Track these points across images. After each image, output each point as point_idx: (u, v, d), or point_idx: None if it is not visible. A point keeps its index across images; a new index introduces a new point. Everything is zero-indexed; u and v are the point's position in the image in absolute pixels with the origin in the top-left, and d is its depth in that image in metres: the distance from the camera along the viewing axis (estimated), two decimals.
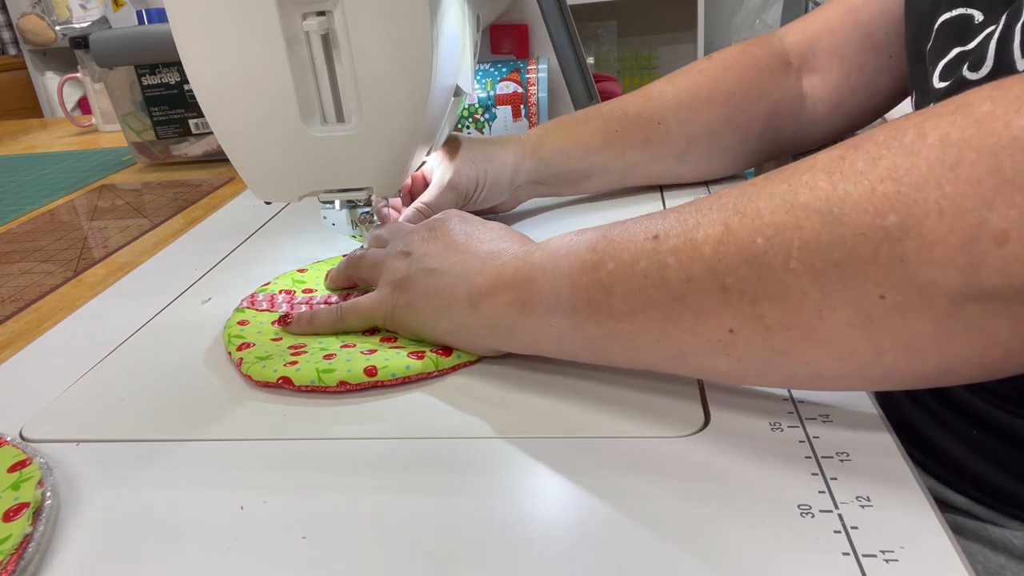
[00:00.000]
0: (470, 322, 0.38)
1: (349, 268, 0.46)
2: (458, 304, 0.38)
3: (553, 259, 0.34)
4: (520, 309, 0.35)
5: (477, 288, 0.37)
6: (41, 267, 0.61)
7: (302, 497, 0.30)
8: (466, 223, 0.43)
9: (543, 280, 0.34)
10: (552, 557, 0.26)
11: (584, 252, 0.33)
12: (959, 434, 0.44)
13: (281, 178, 0.41)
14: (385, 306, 0.41)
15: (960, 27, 0.41)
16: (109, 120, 1.21)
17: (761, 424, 0.32)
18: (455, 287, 0.38)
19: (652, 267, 0.30)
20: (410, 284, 0.40)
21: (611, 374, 0.37)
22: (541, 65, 0.71)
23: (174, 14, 0.36)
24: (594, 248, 0.33)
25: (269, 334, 0.43)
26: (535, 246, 0.37)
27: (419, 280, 0.40)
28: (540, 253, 0.35)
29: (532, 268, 0.35)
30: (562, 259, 0.34)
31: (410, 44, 0.36)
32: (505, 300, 0.36)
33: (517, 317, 0.36)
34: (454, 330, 0.39)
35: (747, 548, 0.26)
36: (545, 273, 0.34)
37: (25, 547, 0.28)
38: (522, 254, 0.36)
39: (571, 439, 0.33)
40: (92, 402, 0.39)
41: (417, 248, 0.41)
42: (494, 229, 0.42)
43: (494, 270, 0.37)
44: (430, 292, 0.39)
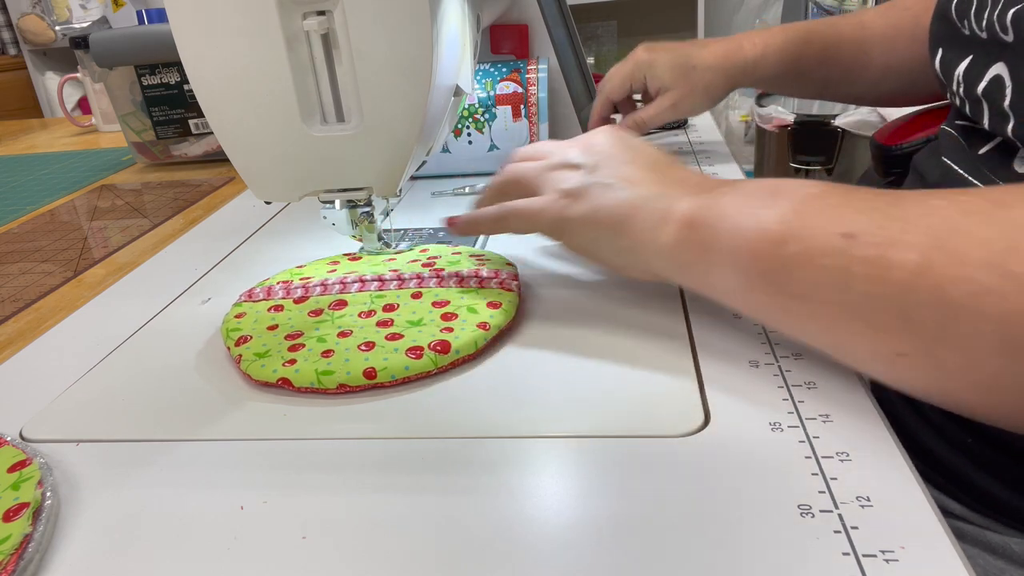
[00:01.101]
0: (648, 247, 0.38)
1: (504, 184, 0.45)
2: (639, 226, 0.38)
3: (739, 214, 0.34)
4: (699, 251, 0.35)
5: (660, 214, 0.37)
6: (41, 267, 0.61)
7: (302, 497, 0.30)
8: (628, 141, 0.42)
9: (725, 233, 0.34)
10: (552, 557, 0.26)
11: (772, 221, 0.32)
12: (956, 443, 0.44)
13: (281, 178, 0.41)
14: (553, 212, 0.41)
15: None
16: (109, 120, 1.21)
17: (761, 424, 0.32)
18: (637, 208, 0.38)
19: (838, 268, 0.29)
20: (586, 195, 0.39)
21: (611, 374, 0.37)
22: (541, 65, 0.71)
23: (174, 14, 0.36)
24: (784, 220, 0.32)
25: (265, 322, 0.43)
26: (722, 187, 0.36)
27: (596, 193, 0.39)
28: (728, 200, 0.35)
29: (718, 215, 0.35)
30: (748, 218, 0.33)
31: (410, 44, 0.36)
32: (686, 237, 0.36)
33: (694, 257, 0.36)
34: (628, 250, 0.39)
35: (747, 548, 0.26)
36: (728, 224, 0.34)
37: (25, 547, 0.28)
38: (708, 191, 0.36)
39: (571, 439, 0.33)
40: (92, 402, 0.39)
41: (586, 160, 0.41)
42: (655, 150, 0.42)
43: (678, 200, 0.37)
44: (610, 207, 0.39)
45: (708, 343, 0.39)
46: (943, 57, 0.48)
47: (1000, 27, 0.40)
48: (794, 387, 0.35)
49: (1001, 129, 0.41)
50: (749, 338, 0.39)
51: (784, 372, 0.36)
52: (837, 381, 0.35)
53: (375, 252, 0.53)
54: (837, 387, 0.35)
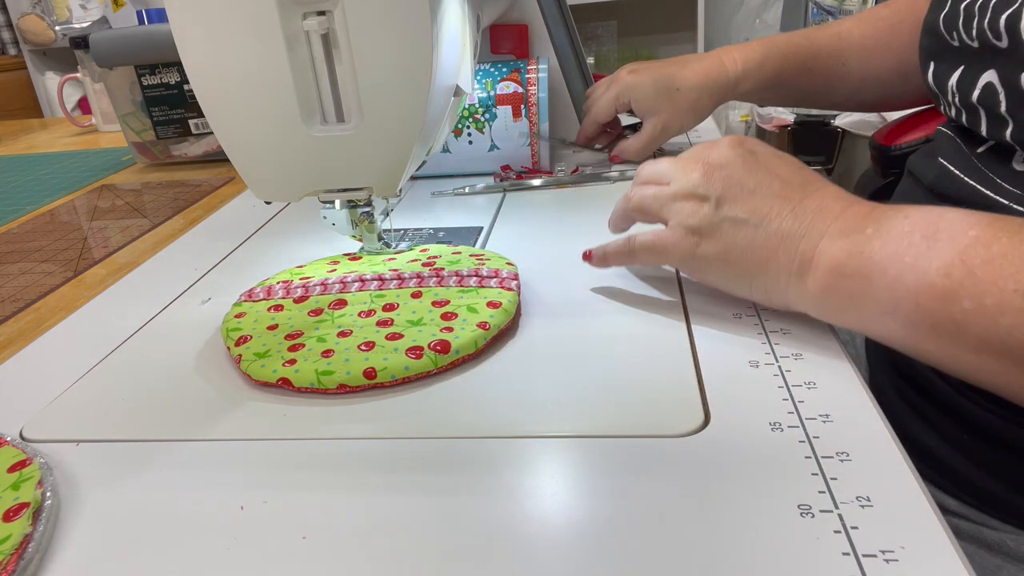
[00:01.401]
0: (790, 291, 0.37)
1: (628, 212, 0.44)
2: (780, 270, 0.37)
3: (895, 264, 0.32)
4: (851, 301, 0.34)
5: (803, 259, 0.36)
6: (41, 267, 0.61)
7: (302, 497, 0.30)
8: (754, 157, 0.40)
9: (882, 285, 0.33)
10: (552, 557, 0.26)
11: (935, 274, 0.31)
12: (951, 438, 0.44)
13: (281, 178, 0.41)
14: (682, 250, 0.40)
15: None
16: (109, 120, 1.21)
17: (761, 424, 0.32)
18: (775, 248, 0.37)
19: (1017, 326, 0.29)
20: (716, 233, 0.38)
21: (611, 374, 0.37)
22: (541, 65, 0.71)
23: (174, 14, 0.36)
24: (948, 275, 0.30)
25: (265, 322, 0.43)
26: (870, 226, 0.34)
27: (727, 231, 0.38)
28: (879, 246, 0.33)
29: (870, 264, 0.33)
30: (907, 269, 0.32)
31: (410, 44, 0.36)
32: (836, 285, 0.34)
33: (846, 306, 0.35)
34: (766, 291, 0.38)
35: (747, 548, 0.26)
36: (885, 278, 0.32)
37: (25, 547, 0.28)
38: (855, 234, 0.34)
39: (571, 439, 0.33)
40: (92, 402, 0.39)
41: (712, 191, 0.39)
42: (790, 164, 0.40)
43: (820, 241, 0.35)
44: (744, 247, 0.38)
45: (708, 343, 0.39)
46: (935, 71, 0.48)
47: (993, 34, 0.40)
48: (794, 387, 0.35)
49: (999, 134, 0.41)
50: (749, 338, 0.39)
51: (784, 372, 0.36)
52: (837, 381, 0.35)
53: (375, 252, 0.53)
54: (837, 387, 0.35)
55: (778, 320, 0.41)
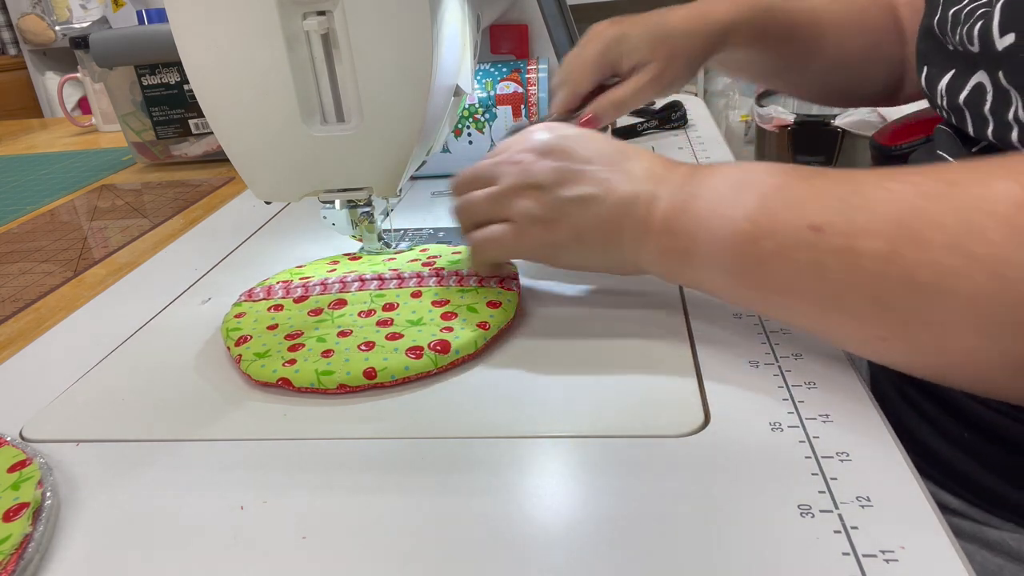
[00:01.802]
0: (641, 256, 0.38)
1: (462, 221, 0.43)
2: (628, 237, 0.38)
3: (712, 218, 0.35)
4: (684, 258, 0.36)
5: (644, 224, 0.37)
6: (41, 267, 0.61)
7: (302, 497, 0.30)
8: (573, 139, 0.40)
9: (704, 239, 0.35)
10: (552, 557, 0.26)
11: (742, 220, 0.33)
12: (952, 436, 0.44)
13: (281, 178, 0.41)
14: (534, 242, 0.40)
15: None
16: (109, 120, 1.21)
17: (761, 424, 0.32)
18: (621, 217, 0.38)
19: (811, 261, 0.31)
20: (564, 217, 0.39)
21: (611, 374, 0.37)
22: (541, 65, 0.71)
23: (174, 14, 0.36)
24: (753, 219, 0.33)
25: (265, 321, 0.43)
26: (691, 185, 0.36)
27: (573, 212, 0.38)
28: (701, 203, 0.36)
29: (694, 221, 0.36)
30: (721, 220, 0.34)
31: (410, 44, 0.36)
32: (671, 245, 0.37)
33: (683, 263, 0.37)
34: (625, 261, 0.39)
35: (747, 548, 0.26)
36: (704, 231, 0.35)
37: (25, 547, 0.28)
38: (680, 194, 0.37)
39: (571, 439, 0.33)
40: (92, 402, 0.39)
41: (544, 176, 0.39)
42: (603, 138, 0.41)
43: (655, 203, 0.37)
44: (594, 224, 0.38)
45: (708, 343, 0.39)
46: (928, 74, 0.48)
47: (967, 39, 0.41)
48: (794, 387, 0.35)
49: (983, 133, 0.41)
50: (749, 338, 0.39)
51: (784, 372, 0.36)
52: (837, 381, 0.35)
53: (375, 252, 0.53)
54: (837, 387, 0.35)
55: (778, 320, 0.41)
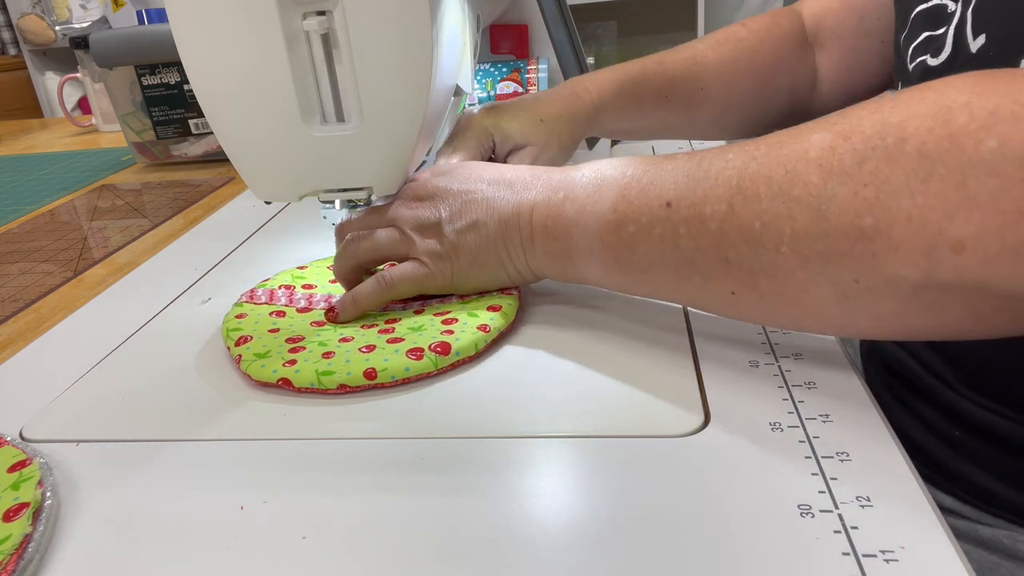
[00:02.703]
0: (533, 264, 0.41)
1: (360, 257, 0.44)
2: (515, 249, 0.41)
3: (582, 216, 0.38)
4: (567, 257, 0.40)
5: (525, 234, 0.40)
6: (41, 267, 0.61)
7: (302, 497, 0.30)
8: (455, 173, 0.44)
9: (577, 235, 0.38)
10: (552, 557, 0.26)
11: (607, 212, 0.37)
12: (943, 435, 0.44)
13: (281, 178, 0.41)
14: (443, 277, 0.42)
15: (934, 16, 0.43)
16: (109, 120, 1.21)
17: (761, 424, 0.32)
18: (506, 234, 0.41)
19: (666, 233, 0.34)
20: (460, 248, 0.42)
21: (611, 374, 0.37)
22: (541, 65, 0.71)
23: (174, 14, 0.36)
24: (615, 209, 0.36)
25: (266, 325, 0.43)
26: (561, 190, 0.40)
27: (467, 240, 0.41)
28: (569, 204, 0.39)
29: (567, 222, 0.39)
30: (589, 216, 0.38)
31: (410, 44, 0.36)
32: (553, 248, 0.40)
33: (566, 264, 0.40)
34: (522, 272, 0.42)
35: (747, 548, 0.26)
36: (578, 229, 0.38)
37: (25, 547, 0.28)
38: (552, 200, 0.40)
39: (571, 439, 0.33)
40: (92, 402, 0.39)
41: (439, 213, 0.42)
42: (484, 165, 0.44)
43: (533, 213, 0.40)
44: (485, 246, 0.41)
45: (708, 343, 0.39)
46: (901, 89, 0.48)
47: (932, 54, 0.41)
48: (794, 387, 0.35)
49: None
50: (749, 338, 0.39)
51: (784, 372, 0.36)
52: (837, 381, 0.35)
53: None
54: (837, 387, 0.35)
55: None
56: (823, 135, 0.30)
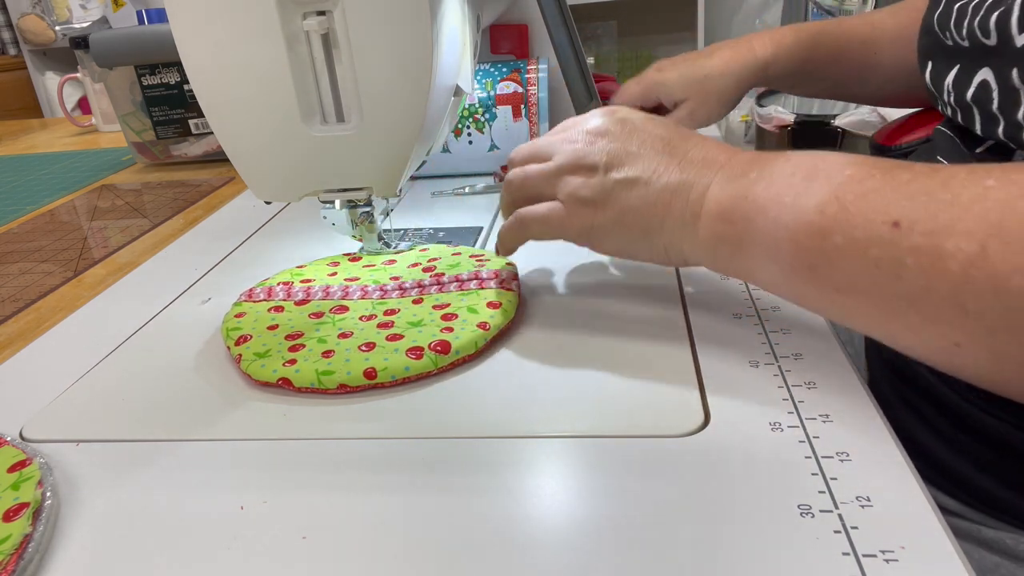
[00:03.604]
0: (685, 243, 0.37)
1: (513, 193, 0.42)
2: (675, 223, 0.37)
3: (776, 205, 0.32)
4: (738, 246, 0.34)
5: (693, 209, 0.36)
6: (41, 267, 0.61)
7: (302, 497, 0.30)
8: (633, 123, 0.40)
9: (763, 226, 0.33)
10: (552, 557, 0.26)
11: (812, 212, 0.31)
12: (949, 439, 0.44)
13: (281, 178, 0.41)
14: (579, 223, 0.39)
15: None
16: (109, 120, 1.21)
17: (761, 424, 0.32)
18: (668, 203, 0.36)
19: (886, 259, 0.28)
20: (610, 200, 0.38)
21: (611, 374, 0.37)
22: (541, 65, 0.71)
23: (174, 14, 0.36)
24: (823, 211, 0.31)
25: (265, 322, 0.43)
26: (754, 171, 0.35)
27: (620, 194, 0.37)
28: (762, 189, 0.33)
29: (753, 207, 0.33)
30: (786, 209, 0.32)
31: (410, 44, 0.36)
32: (723, 231, 0.35)
33: (734, 251, 0.35)
34: (664, 248, 0.38)
35: (747, 548, 0.26)
36: (766, 219, 0.33)
37: (25, 547, 0.28)
38: (740, 179, 0.35)
39: (571, 439, 0.33)
40: (92, 402, 0.39)
41: (599, 158, 0.38)
42: (666, 124, 0.40)
43: (707, 188, 0.35)
44: (638, 208, 0.37)
45: (708, 343, 0.39)
46: (932, 70, 0.48)
47: (982, 32, 0.40)
48: (794, 387, 0.35)
49: (993, 132, 0.41)
50: (749, 338, 0.39)
51: (784, 372, 0.36)
52: (837, 381, 0.35)
53: (375, 252, 0.53)
54: (837, 387, 0.35)
55: (778, 320, 0.41)
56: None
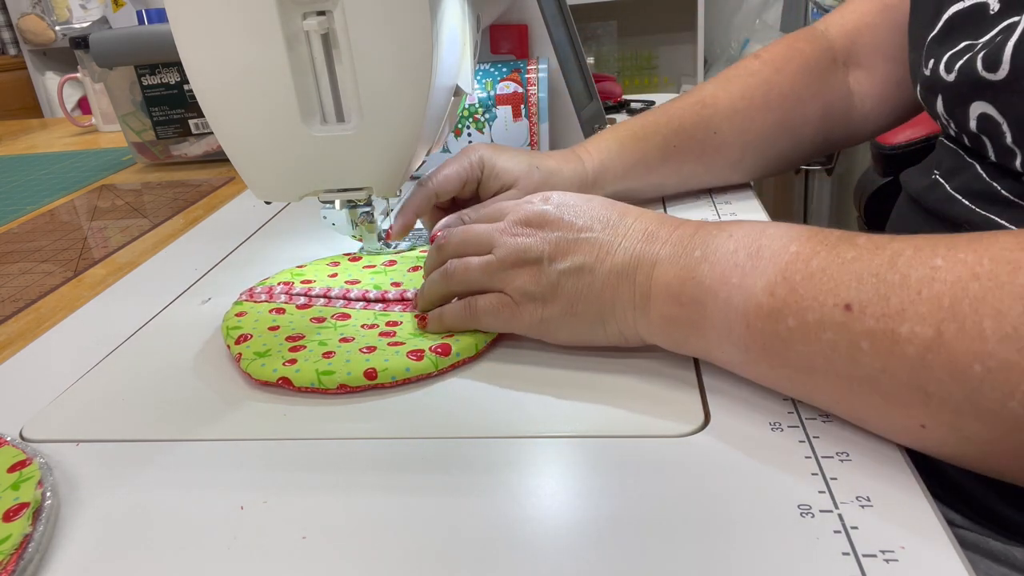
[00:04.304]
0: (640, 326, 0.36)
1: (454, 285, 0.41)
2: (625, 306, 0.36)
3: (724, 287, 0.32)
4: (691, 329, 0.34)
5: (641, 291, 0.35)
6: (41, 267, 0.61)
7: (302, 497, 0.30)
8: (570, 206, 0.39)
9: (714, 309, 0.32)
10: (552, 557, 0.26)
11: (761, 294, 0.31)
12: None
13: (281, 178, 0.41)
14: (529, 319, 0.38)
15: (974, 18, 0.40)
16: (109, 120, 1.21)
17: (761, 424, 0.32)
18: (616, 286, 0.36)
19: (842, 343, 0.28)
20: (558, 291, 0.37)
21: (611, 374, 0.37)
22: (541, 65, 0.71)
23: (174, 14, 0.36)
24: (772, 293, 0.30)
25: (266, 322, 0.43)
26: (697, 248, 0.34)
27: (567, 285, 0.37)
28: (708, 269, 0.33)
29: (700, 290, 0.33)
30: (734, 290, 0.32)
31: (410, 44, 0.36)
32: (675, 314, 0.34)
33: (689, 334, 0.34)
34: (624, 331, 0.37)
35: (747, 548, 0.26)
36: (716, 302, 0.32)
37: (25, 547, 0.28)
38: (685, 257, 0.34)
39: (571, 439, 0.33)
40: (92, 402, 0.39)
41: (542, 250, 0.38)
42: (601, 203, 0.39)
43: (655, 268, 0.35)
44: (587, 296, 0.37)
45: None
46: (920, 89, 0.46)
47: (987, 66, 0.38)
48: None
49: (1009, 162, 0.40)
50: None
51: None
52: None
53: (375, 252, 0.53)
54: None
55: None
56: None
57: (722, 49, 2.34)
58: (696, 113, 0.57)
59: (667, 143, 0.56)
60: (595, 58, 2.60)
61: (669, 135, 0.56)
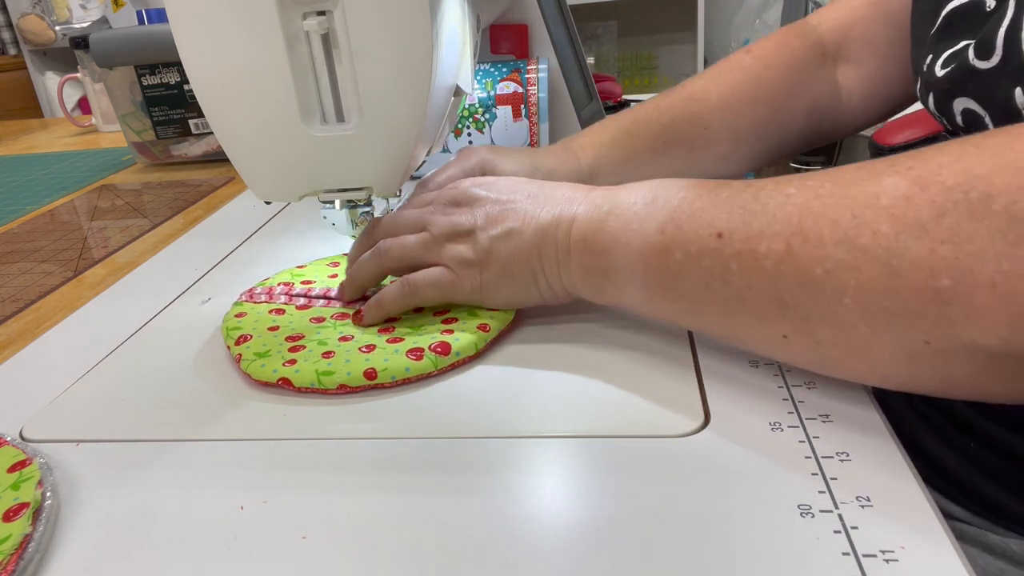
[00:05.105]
0: (565, 279, 0.39)
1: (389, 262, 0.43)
2: (550, 262, 0.39)
3: (625, 233, 0.36)
4: (603, 276, 0.38)
5: (561, 246, 0.39)
6: (41, 267, 0.61)
7: (302, 497, 0.30)
8: (494, 183, 0.42)
9: (619, 254, 0.36)
10: (552, 557, 0.26)
11: (653, 233, 0.35)
12: (958, 447, 0.44)
13: (281, 178, 0.41)
14: (469, 285, 0.41)
15: (968, 16, 0.41)
16: (109, 120, 1.21)
17: (761, 424, 0.32)
18: (541, 243, 0.39)
19: (716, 266, 0.32)
20: (492, 256, 0.40)
21: (611, 374, 0.37)
22: (541, 65, 0.71)
23: (174, 14, 0.36)
24: (663, 231, 0.34)
25: (266, 323, 0.43)
26: (607, 203, 0.38)
27: (499, 248, 0.40)
28: (613, 220, 0.37)
29: (609, 238, 0.37)
30: (634, 235, 0.36)
31: (410, 44, 0.36)
32: (590, 263, 0.38)
33: (602, 282, 0.38)
34: (553, 287, 0.40)
35: (747, 548, 0.26)
36: (619, 246, 0.36)
37: (25, 547, 0.28)
38: (597, 211, 0.38)
39: (571, 439, 0.33)
40: (92, 402, 0.39)
41: (472, 221, 0.41)
42: (523, 179, 0.43)
43: (573, 224, 0.38)
44: (517, 257, 0.40)
45: (708, 343, 0.39)
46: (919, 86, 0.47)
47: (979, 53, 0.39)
48: (794, 387, 0.35)
49: None
50: None
51: (784, 372, 0.36)
52: (837, 381, 0.35)
53: None
54: (837, 387, 0.35)
55: None
56: (897, 180, 0.27)
57: (722, 49, 2.34)
58: (687, 108, 0.58)
59: (658, 138, 0.58)
60: (595, 58, 2.60)
61: (660, 130, 0.58)
